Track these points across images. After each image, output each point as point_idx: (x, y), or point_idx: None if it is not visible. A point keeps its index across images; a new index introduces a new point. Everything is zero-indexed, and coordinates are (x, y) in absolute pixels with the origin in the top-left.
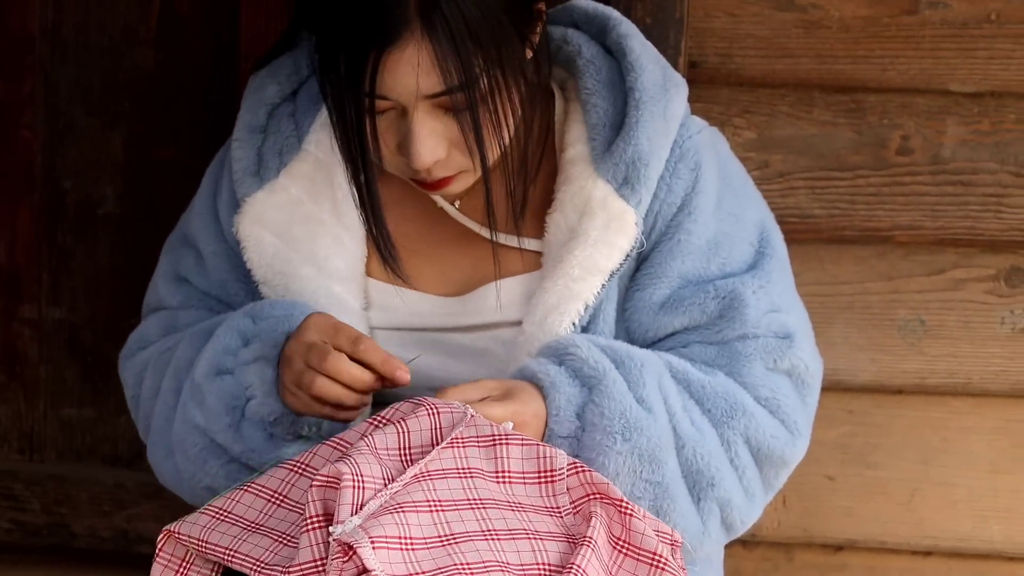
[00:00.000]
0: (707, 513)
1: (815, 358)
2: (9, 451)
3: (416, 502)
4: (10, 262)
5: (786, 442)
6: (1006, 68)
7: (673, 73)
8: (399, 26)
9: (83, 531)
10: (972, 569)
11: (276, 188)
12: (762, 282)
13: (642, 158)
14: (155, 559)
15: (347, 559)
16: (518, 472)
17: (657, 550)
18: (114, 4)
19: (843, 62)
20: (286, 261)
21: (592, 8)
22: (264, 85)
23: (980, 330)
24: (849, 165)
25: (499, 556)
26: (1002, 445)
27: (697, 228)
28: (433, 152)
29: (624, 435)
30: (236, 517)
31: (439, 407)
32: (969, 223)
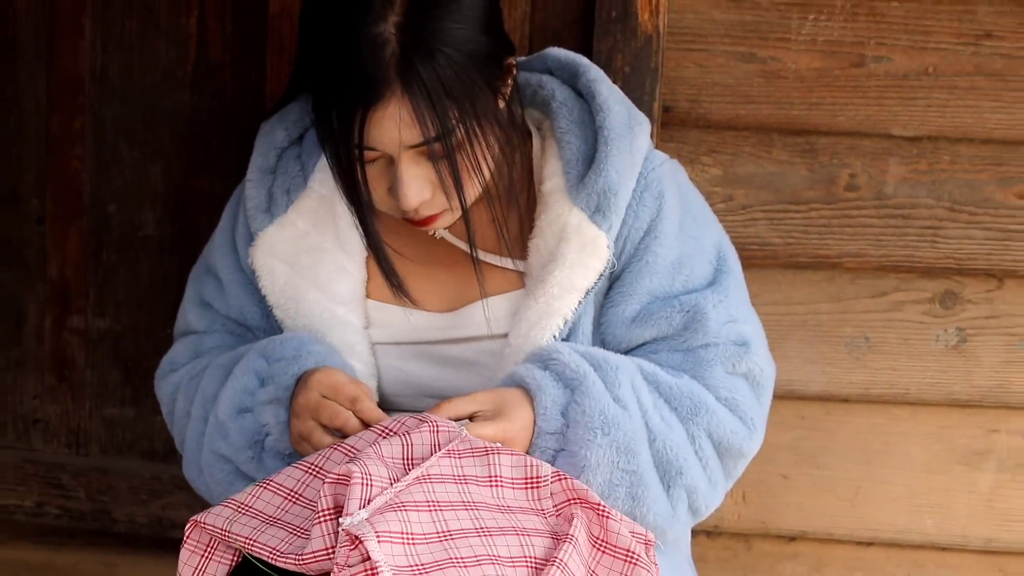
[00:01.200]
0: (676, 499)
1: (769, 362)
2: (58, 446)
3: (417, 502)
4: (61, 278)
5: (744, 436)
6: (941, 115)
7: (637, 112)
8: (381, 86)
9: (123, 517)
10: (909, 558)
11: (285, 223)
12: (721, 296)
13: (612, 188)
14: (183, 545)
15: (353, 548)
16: (508, 478)
17: (631, 548)
18: (155, 50)
19: (798, 108)
20: (295, 287)
21: (564, 56)
22: (273, 131)
23: (917, 346)
24: (803, 199)
25: (491, 550)
26: (936, 449)
27: (662, 250)
28: (419, 194)
29: (603, 430)
30: (256, 511)
31: (439, 426)
32: (908, 252)
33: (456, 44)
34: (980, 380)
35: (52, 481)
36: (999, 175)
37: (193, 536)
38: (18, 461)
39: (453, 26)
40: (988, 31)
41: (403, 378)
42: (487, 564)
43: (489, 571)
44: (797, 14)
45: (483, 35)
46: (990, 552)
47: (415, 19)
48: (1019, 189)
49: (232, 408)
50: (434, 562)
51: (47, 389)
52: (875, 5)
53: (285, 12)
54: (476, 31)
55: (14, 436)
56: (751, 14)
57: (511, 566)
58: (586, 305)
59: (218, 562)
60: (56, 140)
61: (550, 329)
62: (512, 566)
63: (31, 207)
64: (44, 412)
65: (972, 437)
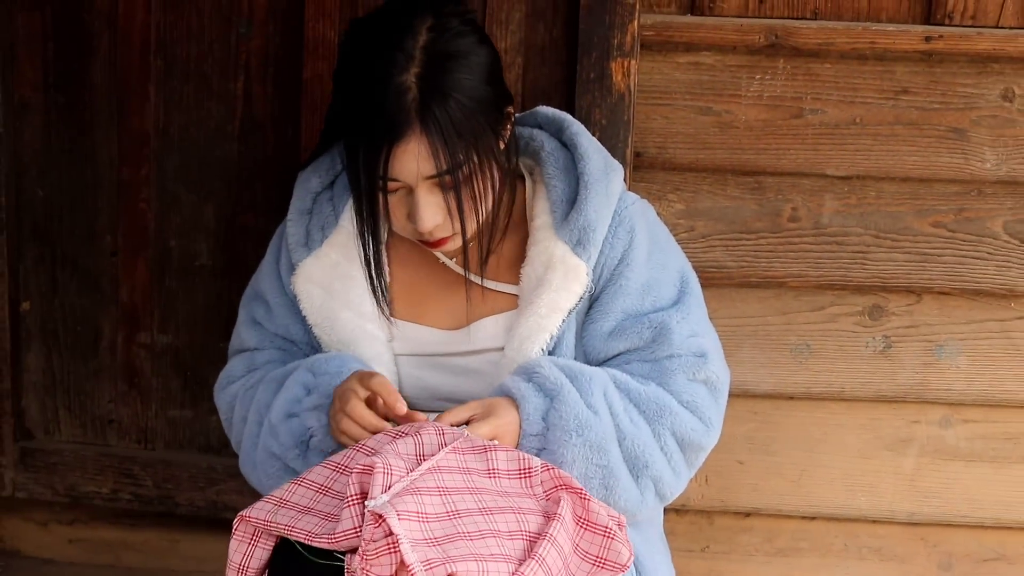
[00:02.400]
0: (643, 487)
1: (724, 370)
2: (129, 442)
3: (429, 488)
4: (130, 301)
5: (703, 433)
6: (867, 158)
7: (612, 160)
8: (404, 126)
9: (184, 502)
10: (845, 530)
11: (320, 255)
12: (684, 314)
13: (591, 225)
14: (232, 536)
15: (378, 525)
16: (504, 469)
17: (608, 525)
18: (208, 110)
19: (748, 153)
20: (330, 308)
21: (551, 113)
22: (309, 178)
23: (851, 352)
24: (753, 229)
25: (492, 526)
26: (867, 437)
27: (633, 275)
28: (433, 219)
29: (578, 432)
30: (292, 503)
31: (444, 430)
32: (842, 272)
33: (465, 92)
34: (903, 379)
35: (125, 471)
36: (916, 207)
37: (240, 528)
38: (96, 455)
39: (463, 77)
40: (905, 88)
41: (420, 384)
42: (489, 537)
43: (491, 543)
44: (746, 74)
45: (487, 86)
46: (913, 524)
47: (432, 71)
48: (933, 219)
49: (283, 413)
50: (445, 536)
51: (120, 394)
52: (811, 67)
53: (316, 77)
54: (482, 82)
55: (93, 434)
56: (707, 74)
57: (509, 539)
58: (569, 323)
59: (263, 548)
60: (126, 186)
61: (539, 343)
62: (510, 539)
63: (106, 242)
64: (118, 414)
65: (897, 427)
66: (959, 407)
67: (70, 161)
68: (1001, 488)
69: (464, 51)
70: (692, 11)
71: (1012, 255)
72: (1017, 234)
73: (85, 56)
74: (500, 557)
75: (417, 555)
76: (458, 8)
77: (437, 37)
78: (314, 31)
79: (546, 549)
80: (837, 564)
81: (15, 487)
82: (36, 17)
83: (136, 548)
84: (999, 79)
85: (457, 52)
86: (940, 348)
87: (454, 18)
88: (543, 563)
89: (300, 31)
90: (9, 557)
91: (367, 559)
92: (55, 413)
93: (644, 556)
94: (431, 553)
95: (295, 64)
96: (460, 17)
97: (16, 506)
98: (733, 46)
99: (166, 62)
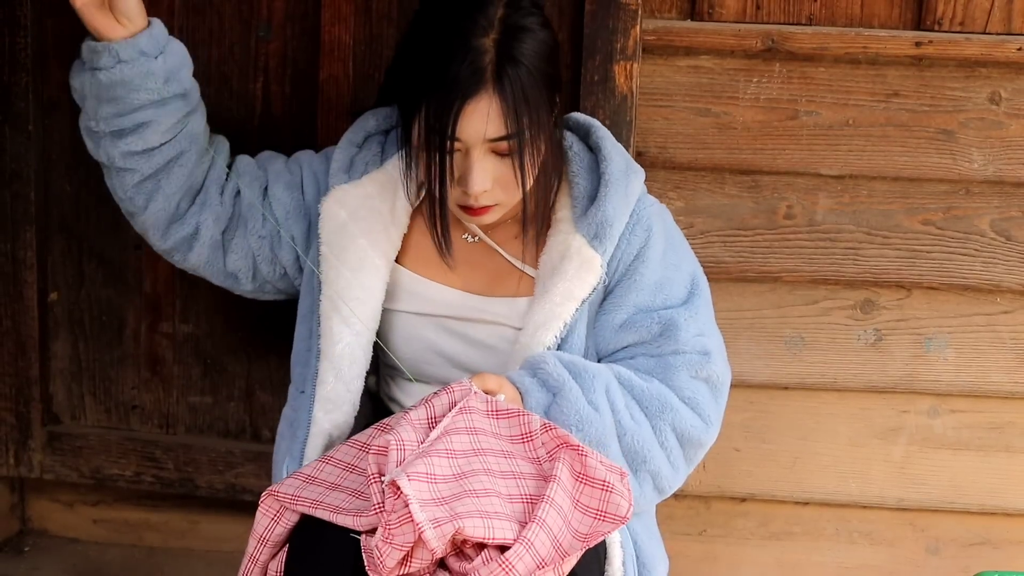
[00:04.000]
0: (642, 481)
1: (726, 370)
2: (152, 426)
3: (438, 450)
4: (153, 292)
5: (702, 429)
6: (860, 158)
7: (634, 164)
8: (479, 85)
9: (204, 484)
10: (836, 515)
11: (359, 184)
12: (692, 313)
13: (608, 221)
14: (259, 509)
15: (397, 497)
16: (507, 435)
17: (607, 479)
18: (229, 109)
19: (745, 153)
20: (349, 232)
21: (582, 118)
22: (367, 119)
23: (843, 344)
24: (750, 226)
25: (495, 487)
26: (858, 426)
27: (648, 272)
28: (483, 183)
29: (578, 427)
30: (320, 480)
31: (454, 387)
32: (835, 268)
33: (534, 64)
34: (893, 371)
35: (147, 455)
36: (906, 206)
37: (267, 503)
38: (120, 439)
39: (533, 50)
40: (896, 91)
41: (435, 348)
42: (493, 496)
43: (495, 500)
44: (743, 77)
45: (549, 65)
46: (902, 509)
47: (508, 38)
48: (923, 217)
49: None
50: (452, 495)
51: (143, 381)
52: (806, 70)
53: (332, 78)
54: (544, 60)
55: (117, 419)
56: (706, 77)
57: (509, 501)
58: (582, 312)
59: (284, 525)
60: None
61: (552, 330)
62: (510, 502)
63: (130, 236)
64: (141, 400)
65: (887, 417)
66: (946, 397)
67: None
68: (986, 475)
69: (534, 28)
70: (692, 16)
71: (998, 252)
72: (1003, 232)
73: None
74: (504, 516)
75: (426, 514)
76: None
77: (512, 12)
78: (330, 35)
79: (545, 511)
80: (829, 548)
81: (43, 469)
82: (65, 21)
83: (158, 528)
84: (986, 83)
85: (528, 27)
86: (929, 341)
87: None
88: (543, 524)
89: (317, 34)
90: (37, 536)
91: (390, 528)
92: (81, 399)
93: (643, 542)
94: (439, 512)
95: (312, 66)
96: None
97: (44, 487)
98: (731, 50)
99: None
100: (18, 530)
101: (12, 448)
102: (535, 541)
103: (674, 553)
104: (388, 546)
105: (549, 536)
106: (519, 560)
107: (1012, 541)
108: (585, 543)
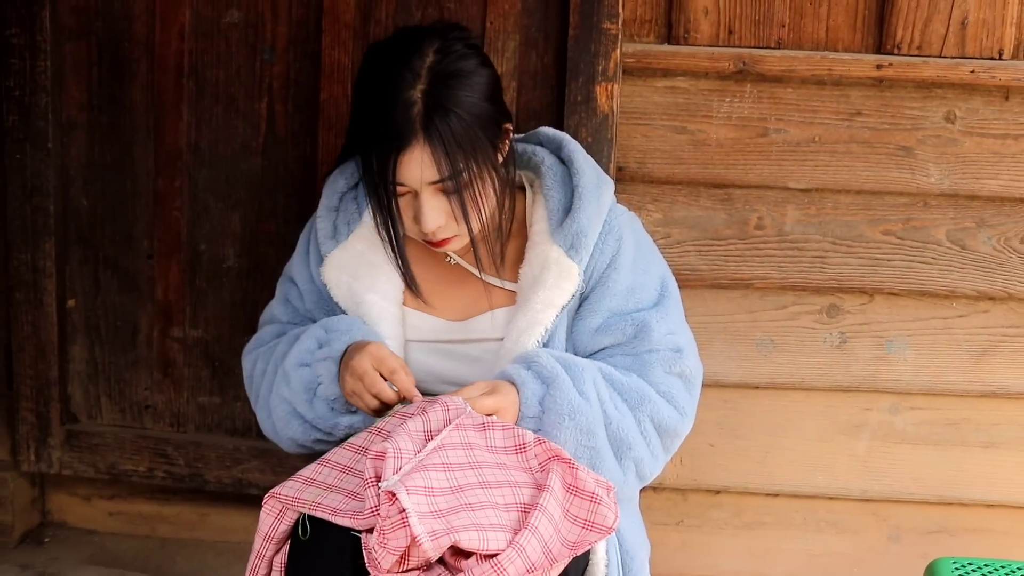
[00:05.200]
0: (626, 468)
1: (698, 365)
2: (164, 425)
3: (435, 464)
4: (165, 299)
5: (678, 420)
6: (825, 173)
7: (605, 176)
8: (409, 135)
9: (212, 479)
10: (804, 506)
11: (347, 246)
12: (663, 314)
13: (583, 231)
14: (263, 509)
15: (391, 503)
16: (501, 447)
17: (595, 491)
18: (235, 128)
19: (719, 168)
20: (357, 292)
21: (552, 132)
22: (336, 180)
23: (810, 346)
24: (723, 236)
25: (490, 498)
26: (823, 423)
27: (620, 278)
28: (435, 220)
29: (570, 416)
30: (319, 482)
31: (449, 404)
32: (802, 275)
33: (466, 108)
34: (856, 371)
35: (159, 452)
36: (869, 217)
37: (270, 504)
38: (134, 437)
39: (464, 94)
40: (858, 110)
41: (427, 369)
42: (488, 509)
43: (490, 514)
44: (717, 97)
45: (487, 103)
46: (865, 500)
47: (436, 88)
48: (884, 227)
49: (296, 362)
50: (449, 508)
51: (155, 383)
52: (775, 91)
53: (332, 99)
54: (481, 99)
55: (131, 418)
56: (682, 97)
57: (505, 511)
58: (561, 318)
59: (287, 523)
60: (161, 196)
61: (534, 336)
62: (506, 511)
63: (143, 246)
64: (153, 400)
65: (851, 414)
66: (906, 396)
67: (111, 173)
68: (943, 468)
69: (466, 71)
70: (669, 41)
71: (954, 260)
72: (958, 241)
73: (125, 80)
74: (498, 527)
75: (424, 527)
76: (463, 34)
77: (442, 58)
78: (330, 58)
79: (538, 518)
80: (797, 536)
81: (62, 465)
82: (82, 45)
83: (169, 520)
84: (942, 103)
85: (460, 72)
86: (890, 343)
87: (459, 42)
88: (535, 531)
89: (318, 58)
90: (56, 528)
91: (384, 533)
92: (97, 399)
93: (626, 530)
94: (436, 525)
95: (313, 87)
96: (464, 41)
97: (62, 482)
98: (705, 72)
99: (198, 85)
100: (39, 522)
101: (33, 446)
102: (527, 547)
103: (653, 541)
104: (383, 550)
105: (540, 543)
106: (511, 563)
107: (967, 529)
108: (573, 551)
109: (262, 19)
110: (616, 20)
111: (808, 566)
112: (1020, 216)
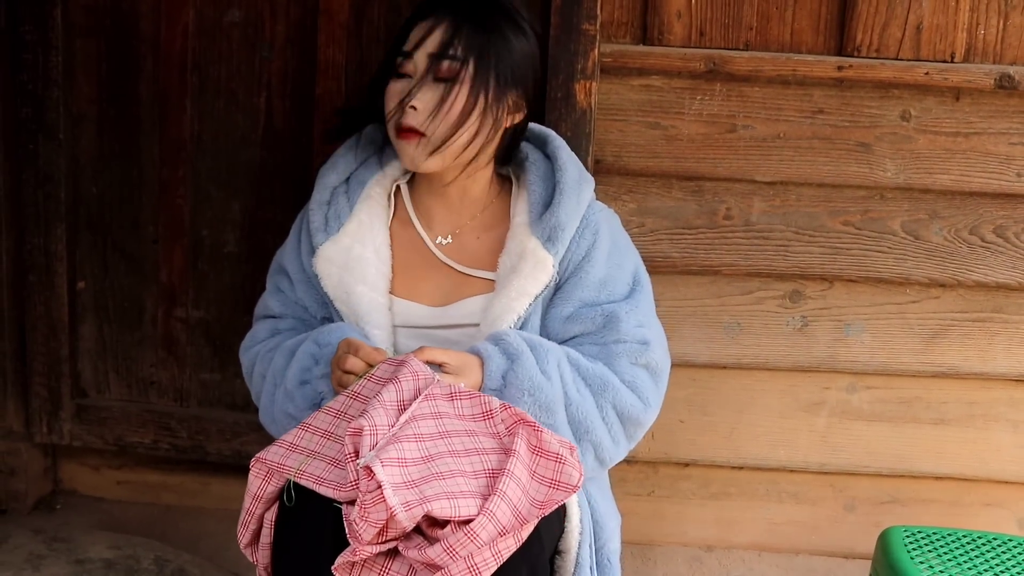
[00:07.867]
0: (584, 450)
1: (665, 358)
2: (168, 400)
3: (407, 435)
4: (169, 281)
5: (641, 410)
6: (789, 167)
7: (586, 173)
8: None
9: (213, 451)
10: (767, 478)
11: (337, 239)
12: (632, 307)
13: (561, 225)
14: (251, 472)
15: (370, 478)
16: (469, 414)
17: (560, 452)
18: (235, 121)
19: (690, 161)
20: (347, 283)
21: (539, 129)
22: (327, 175)
23: (774, 329)
24: (694, 226)
25: (460, 466)
26: (786, 400)
27: (593, 271)
28: (419, 100)
29: (531, 392)
30: (302, 448)
31: (419, 374)
32: (767, 262)
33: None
34: (817, 352)
35: (164, 425)
36: (829, 209)
37: (256, 467)
38: (139, 411)
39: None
40: (820, 108)
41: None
42: (458, 476)
43: (460, 481)
44: (688, 95)
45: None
46: (824, 473)
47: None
48: (843, 219)
49: (296, 381)
50: (421, 478)
51: (160, 360)
52: (743, 90)
53: (327, 94)
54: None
55: (137, 393)
56: (656, 95)
57: (474, 477)
58: (535, 306)
59: (274, 485)
60: (166, 185)
61: (507, 322)
62: (475, 477)
63: (148, 232)
64: (158, 376)
65: (811, 392)
66: (863, 376)
67: (119, 163)
68: (896, 443)
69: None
70: (644, 41)
71: (908, 250)
72: (912, 232)
73: (132, 75)
74: (468, 494)
75: (398, 498)
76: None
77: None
78: (325, 55)
79: (506, 483)
80: (761, 506)
81: (72, 437)
82: (92, 42)
83: (173, 489)
84: (898, 102)
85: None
86: (848, 326)
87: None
88: (504, 496)
89: (314, 55)
90: (68, 496)
91: (365, 508)
92: (105, 375)
93: (598, 501)
94: (409, 496)
95: (309, 83)
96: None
97: (73, 453)
98: (678, 71)
99: (200, 80)
100: (51, 490)
101: (45, 419)
102: (496, 512)
103: (626, 511)
104: (364, 523)
105: (509, 506)
106: (483, 529)
107: (917, 500)
108: (542, 510)
109: (261, 18)
110: (595, 22)
111: (770, 534)
112: (970, 209)
